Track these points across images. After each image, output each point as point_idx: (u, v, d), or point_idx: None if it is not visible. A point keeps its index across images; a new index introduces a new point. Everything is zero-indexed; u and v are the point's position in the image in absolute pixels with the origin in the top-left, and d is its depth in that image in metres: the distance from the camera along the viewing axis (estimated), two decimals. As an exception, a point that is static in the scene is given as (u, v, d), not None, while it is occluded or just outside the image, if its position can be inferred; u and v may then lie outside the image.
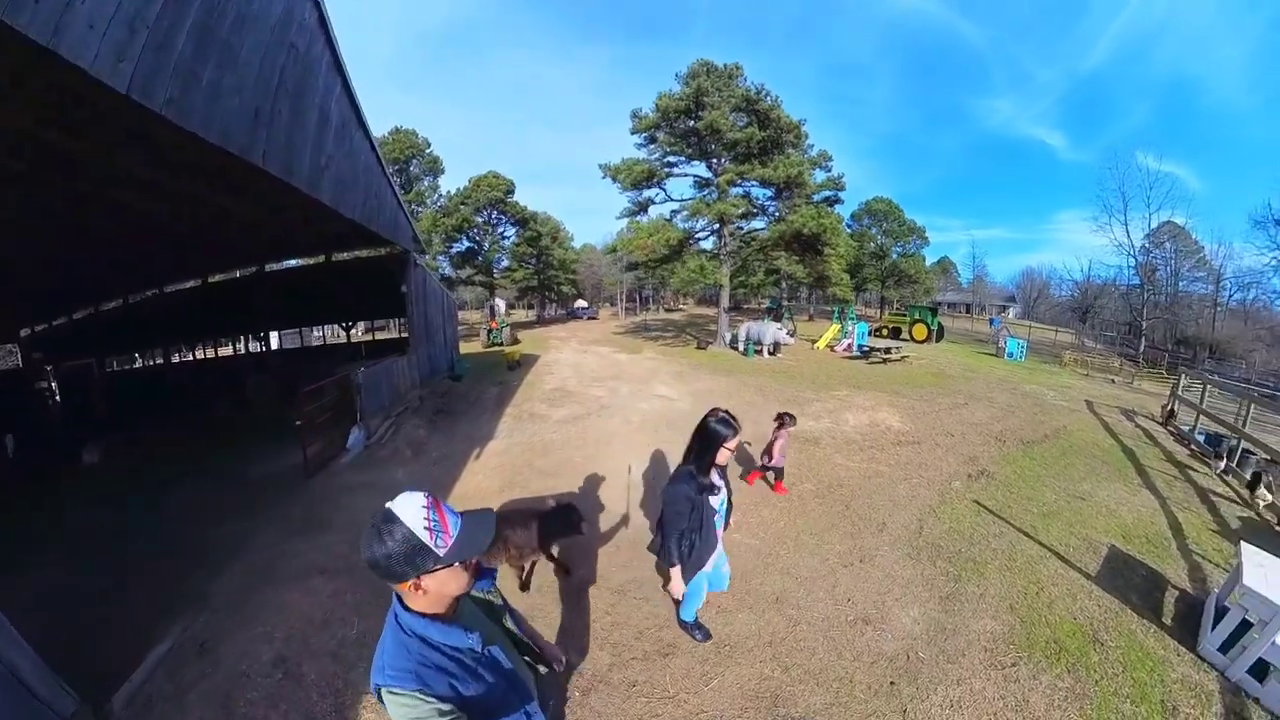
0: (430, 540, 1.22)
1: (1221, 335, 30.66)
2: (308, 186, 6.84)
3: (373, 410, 9.50)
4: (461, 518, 1.32)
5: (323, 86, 7.15)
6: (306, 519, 5.83)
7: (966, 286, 60.45)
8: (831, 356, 19.31)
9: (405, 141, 36.85)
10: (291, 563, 4.90)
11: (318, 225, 10.03)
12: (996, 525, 5.77)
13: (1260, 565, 3.86)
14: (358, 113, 8.46)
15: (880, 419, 9.62)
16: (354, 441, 8.54)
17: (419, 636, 1.28)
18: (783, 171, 19.91)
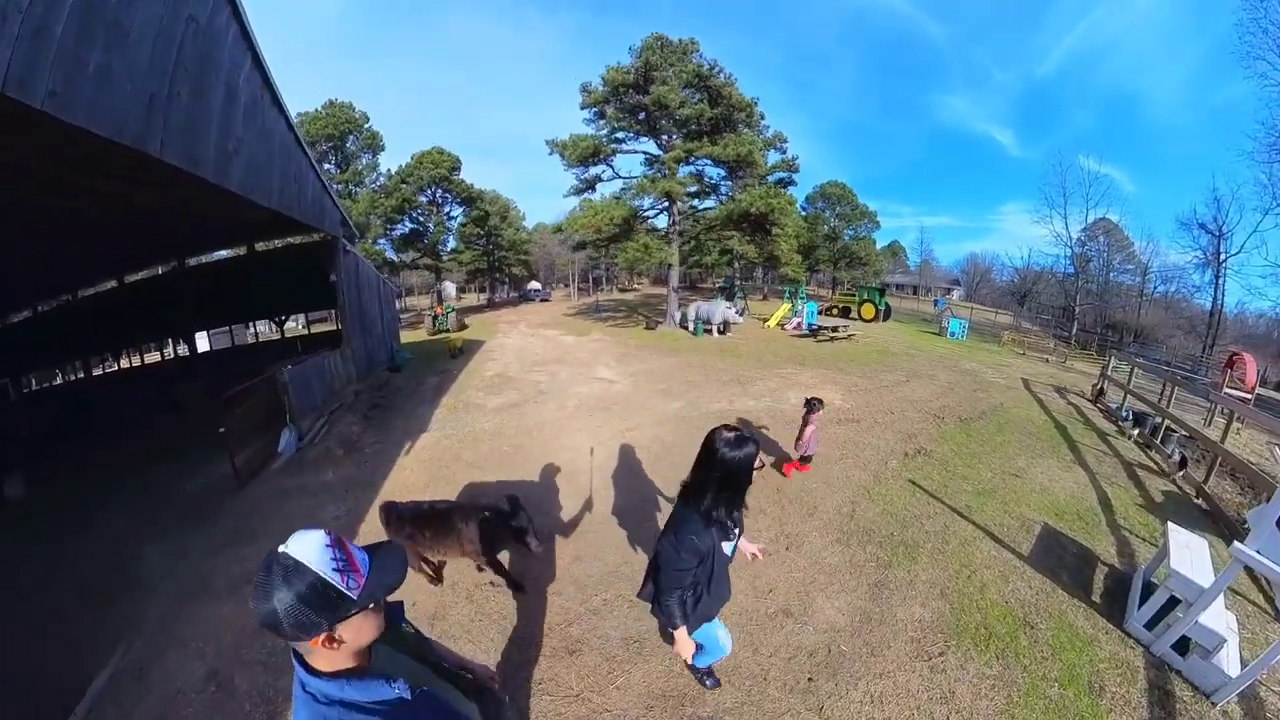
0: (341, 582, 1.06)
1: (1146, 322, 34.00)
2: (214, 175, 6.33)
3: (304, 410, 8.90)
4: (369, 554, 1.18)
5: (228, 62, 6.53)
6: (238, 530, 5.73)
7: (914, 269, 65.45)
8: (781, 335, 19.41)
9: (340, 116, 34.20)
10: (223, 576, 4.88)
11: (234, 215, 9.12)
12: (931, 505, 5.64)
13: (1186, 547, 3.96)
14: (271, 89, 7.63)
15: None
16: (285, 445, 8.03)
17: (339, 703, 1.11)
18: (732, 150, 19.54)
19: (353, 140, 35.85)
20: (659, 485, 6.01)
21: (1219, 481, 6.97)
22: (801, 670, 3.49)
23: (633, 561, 4.69)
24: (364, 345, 12.53)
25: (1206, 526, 5.84)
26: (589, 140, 20.48)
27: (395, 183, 35.08)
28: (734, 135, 20.54)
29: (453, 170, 36.28)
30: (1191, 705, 3.26)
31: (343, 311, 11.69)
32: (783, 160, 24.68)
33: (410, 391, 11.16)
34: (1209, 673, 3.28)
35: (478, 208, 38.74)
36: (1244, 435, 9.54)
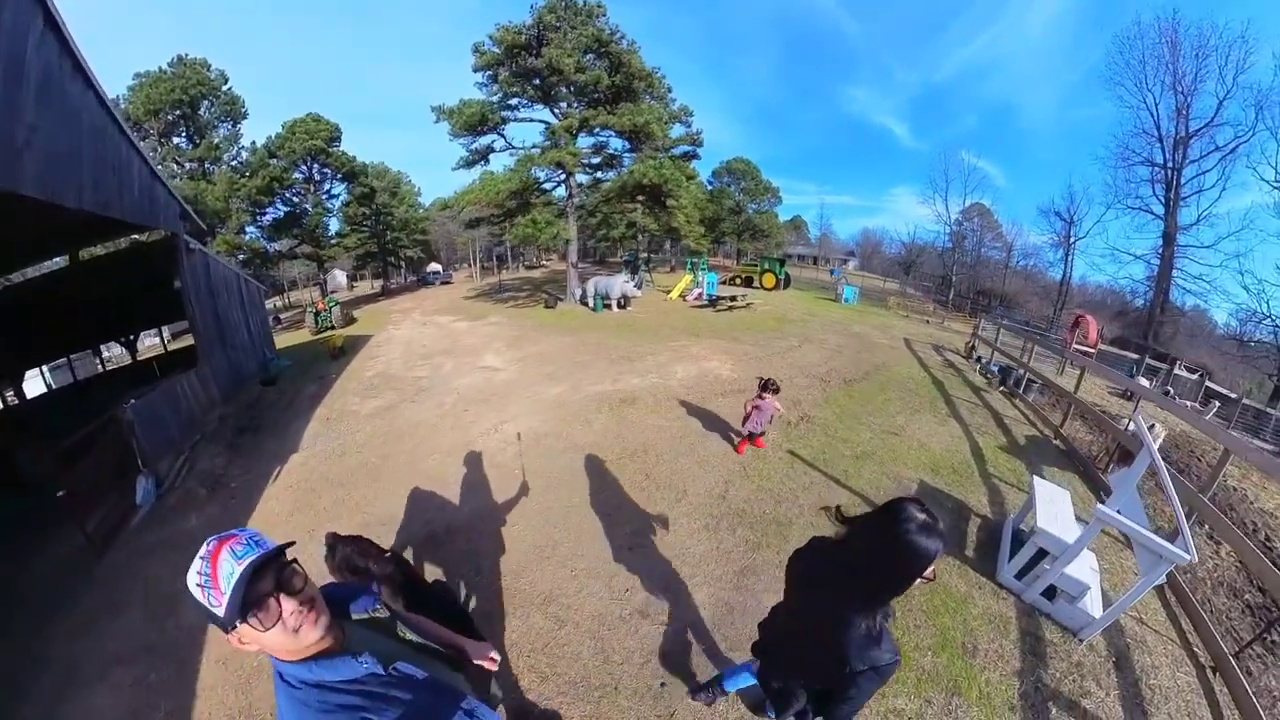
0: (204, 598, 1.07)
1: (1010, 289, 39.98)
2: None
3: (158, 450, 7.40)
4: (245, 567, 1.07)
5: (9, 27, 5.09)
6: (103, 604, 5.01)
7: (815, 242, 70.58)
8: (682, 306, 19.33)
9: (192, 76, 28.21)
10: (90, 660, 4.33)
11: (39, 220, 7.15)
12: (809, 475, 5.46)
13: (1050, 500, 4.13)
14: (74, 56, 5.91)
15: (710, 368, 9.39)
16: (142, 495, 6.71)
17: (311, 684, 1.17)
18: (628, 120, 18.71)
19: (208, 107, 30.04)
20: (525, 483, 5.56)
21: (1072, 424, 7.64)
22: (654, 675, 3.21)
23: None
24: (225, 359, 10.59)
25: (1065, 464, 6.54)
26: (476, 106, 18.70)
27: (261, 158, 29.81)
28: (632, 105, 19.80)
29: (331, 140, 31.35)
30: (1060, 646, 3.43)
31: (194, 323, 9.65)
32: (687, 134, 24.28)
33: (284, 406, 9.74)
34: (1075, 615, 3.52)
35: (361, 183, 34.15)
36: (1088, 383, 10.65)
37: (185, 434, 8.28)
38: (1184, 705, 3.26)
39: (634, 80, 19.63)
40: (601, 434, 6.56)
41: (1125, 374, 16.96)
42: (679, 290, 21.88)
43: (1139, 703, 3.21)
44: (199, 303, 9.71)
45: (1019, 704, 3.08)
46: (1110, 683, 3.29)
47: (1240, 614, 4.34)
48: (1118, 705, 3.15)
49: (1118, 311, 30.60)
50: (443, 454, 6.51)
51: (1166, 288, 25.21)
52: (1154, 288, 25.87)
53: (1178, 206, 24.12)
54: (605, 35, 18.78)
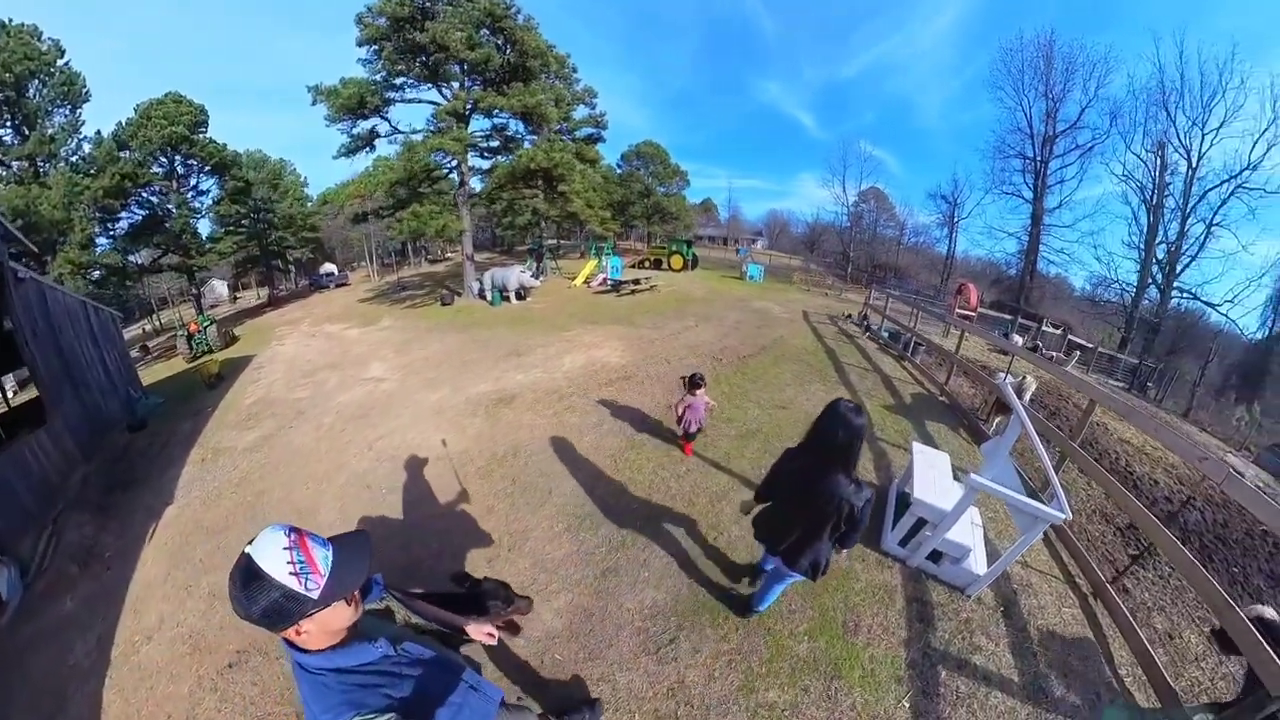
0: (300, 586, 1.17)
1: (902, 263, 43.99)
2: None
3: (15, 530, 5.98)
4: (332, 548, 1.27)
5: None
6: None
7: (724, 223, 72.16)
8: (585, 293, 18.75)
9: (16, 50, 22.06)
10: None
11: None
12: (685, 462, 5.17)
13: (930, 466, 4.21)
14: None
15: (600, 356, 8.99)
16: (7, 589, 5.51)
17: (331, 670, 1.27)
18: (518, 101, 17.59)
19: (38, 88, 23.66)
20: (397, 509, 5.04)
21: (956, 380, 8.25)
22: (508, 693, 2.88)
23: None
24: (80, 407, 8.53)
25: (950, 418, 6.93)
26: (355, 86, 16.73)
27: (108, 151, 23.70)
28: (523, 86, 18.66)
29: (196, 126, 25.97)
30: (948, 605, 3.46)
31: (34, 370, 7.60)
32: (591, 115, 23.54)
33: (157, 452, 8.34)
34: (961, 574, 3.59)
35: (235, 176, 29.22)
36: (970, 342, 11.30)
37: (44, 505, 6.70)
38: (1071, 640, 3.39)
39: (529, 59, 18.43)
40: (474, 439, 6.09)
41: (1001, 334, 18.95)
42: (583, 277, 21.29)
43: (1028, 646, 3.28)
44: (38, 344, 7.81)
45: (906, 674, 3.01)
46: (999, 632, 3.34)
47: (1113, 536, 4.88)
48: (1008, 654, 3.19)
49: (994, 280, 34.73)
50: (316, 482, 5.91)
51: (1034, 259, 29.52)
52: (1024, 259, 30.11)
53: (1044, 193, 28.47)
54: (499, 9, 17.34)
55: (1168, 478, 7.08)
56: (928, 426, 6.54)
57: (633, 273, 21.76)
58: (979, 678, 3.04)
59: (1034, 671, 3.13)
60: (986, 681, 3.02)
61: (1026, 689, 3.02)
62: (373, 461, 5.99)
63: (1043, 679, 3.09)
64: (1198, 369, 21.76)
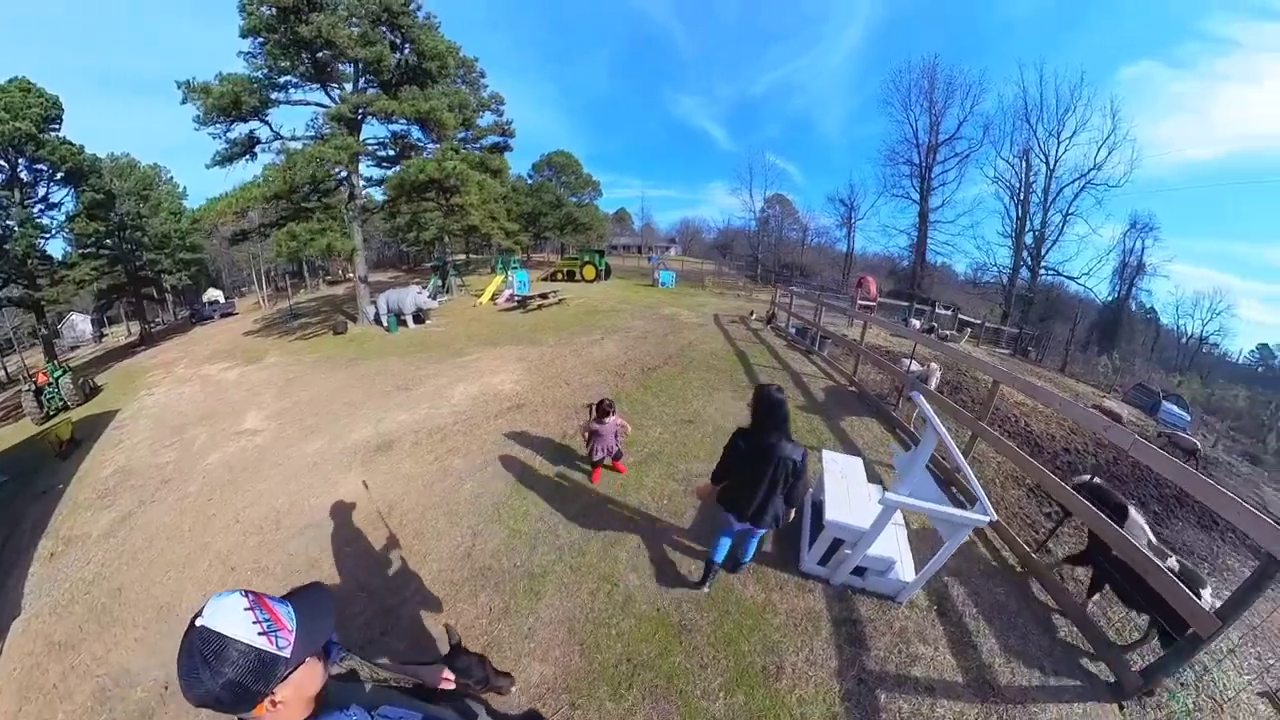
0: (271, 645, 1.03)
1: (807, 262, 46.48)
2: None
3: None
4: (291, 604, 1.13)
5: None
6: None
7: (639, 232, 73.13)
8: (490, 312, 17.63)
9: None
10: None
11: None
12: (577, 500, 4.60)
13: (841, 478, 3.95)
14: None
15: (494, 384, 8.22)
16: None
17: None
18: (410, 106, 16.22)
19: None
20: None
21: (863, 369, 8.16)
22: None
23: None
24: None
25: (861, 409, 6.95)
26: (230, 84, 14.48)
27: None
28: (418, 90, 17.22)
29: (46, 122, 21.01)
30: (879, 618, 3.27)
31: None
32: (497, 123, 22.60)
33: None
34: (888, 584, 3.41)
35: (93, 186, 23.33)
36: (874, 330, 11.56)
37: None
38: (1007, 619, 3.36)
39: (427, 60, 16.98)
40: (347, 496, 5.24)
41: (901, 319, 20.30)
42: (489, 293, 20.10)
43: (967, 640, 3.18)
44: None
45: (842, 710, 2.74)
46: (937, 634, 3.19)
47: (1027, 499, 5.10)
48: (948, 654, 3.06)
49: (890, 271, 38.08)
50: (178, 569, 4.90)
51: (924, 251, 33.63)
52: (914, 252, 34.23)
53: (929, 194, 32.91)
54: (396, 4, 15.68)
55: (1061, 430, 8.09)
56: (841, 423, 6.38)
57: (543, 286, 20.85)
58: (921, 690, 2.86)
59: (977, 665, 3.01)
60: (930, 692, 2.85)
61: (972, 686, 2.90)
62: (239, 536, 5.03)
63: (986, 670, 2.98)
64: (1067, 331, 25.43)
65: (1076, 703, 2.88)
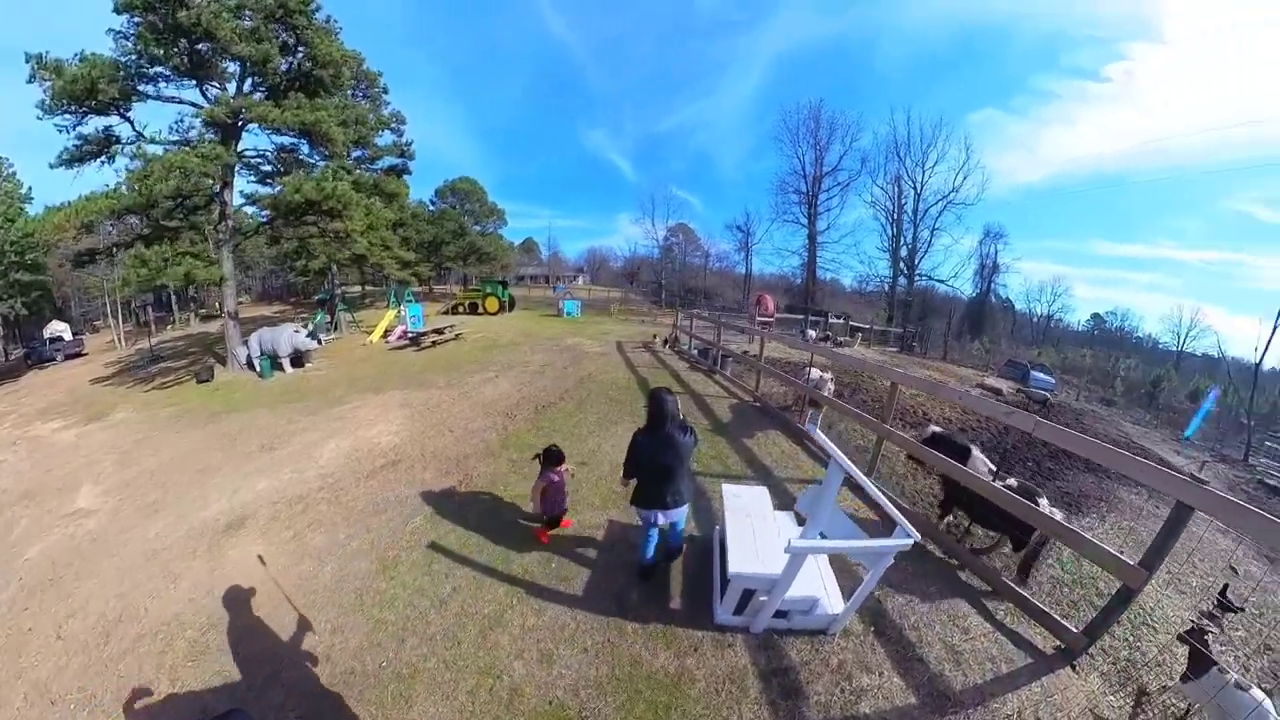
0: None
1: (710, 285, 48.94)
2: None
3: None
4: None
5: None
6: None
7: (546, 262, 72.21)
8: (381, 350, 15.93)
9: None
10: None
11: None
12: (455, 574, 3.83)
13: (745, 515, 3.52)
14: None
15: (370, 437, 7.20)
16: None
17: None
18: (293, 116, 14.24)
19: None
20: None
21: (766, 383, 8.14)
22: None
23: None
24: None
25: (766, 423, 6.79)
26: (88, 67, 11.86)
27: None
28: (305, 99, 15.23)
29: None
30: (814, 658, 2.95)
31: None
32: (396, 144, 21.05)
33: None
34: (816, 620, 3.08)
35: None
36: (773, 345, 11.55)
37: None
38: (946, 616, 3.25)
39: (321, 67, 15.05)
40: (188, 593, 4.16)
41: (799, 332, 21.30)
42: (381, 329, 18.24)
43: (912, 654, 2.98)
44: None
45: None
46: (879, 658, 2.94)
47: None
48: (896, 676, 2.83)
49: (785, 289, 41.13)
50: None
51: (814, 269, 37.64)
52: (806, 270, 38.01)
53: (816, 218, 37.13)
54: (292, 2, 13.70)
55: (955, 412, 9.07)
56: (748, 441, 6.12)
57: (440, 320, 19.29)
58: (874, 724, 2.57)
59: (927, 678, 2.81)
60: (884, 724, 2.56)
61: (927, 703, 2.68)
62: (61, 657, 3.80)
63: (938, 680, 2.79)
64: (943, 325, 32.52)
65: (1033, 682, 2.80)
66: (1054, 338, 44.05)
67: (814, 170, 36.39)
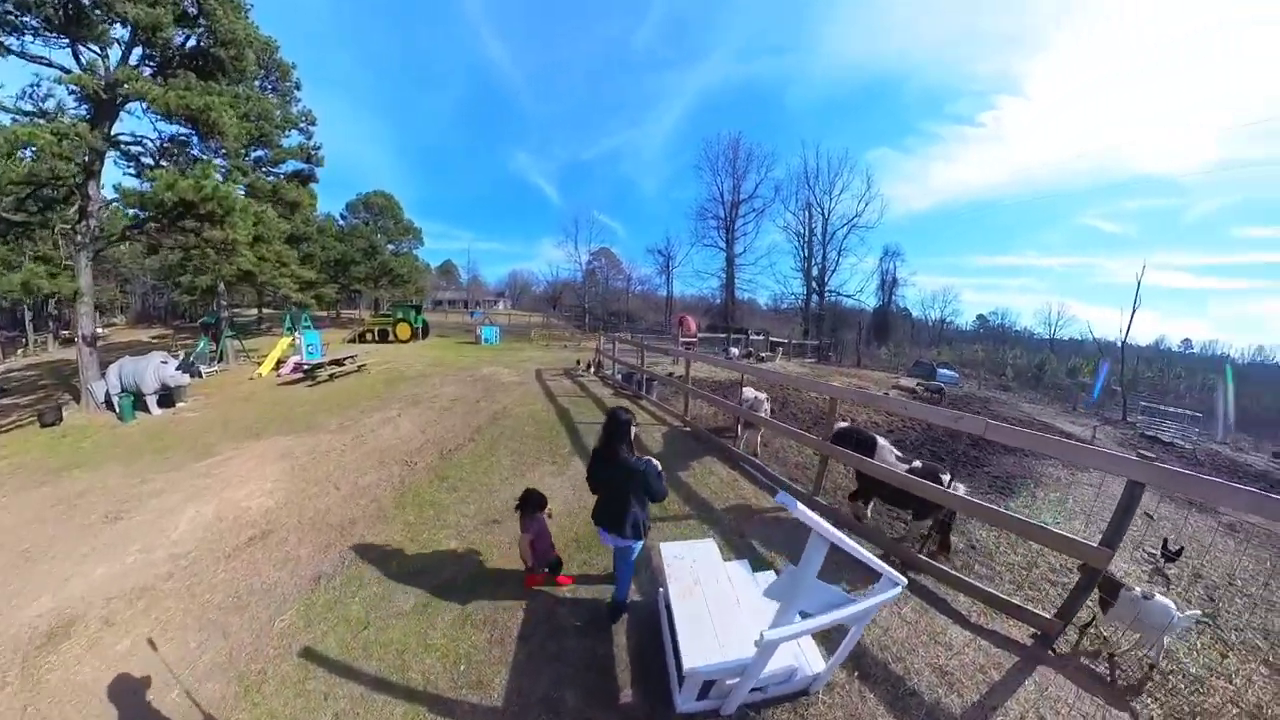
0: None
1: (632, 308, 49.95)
2: None
3: None
4: None
5: None
6: None
7: (465, 286, 69.31)
8: (270, 384, 13.90)
9: None
10: None
11: None
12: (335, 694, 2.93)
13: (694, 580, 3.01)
14: None
15: (239, 500, 5.85)
16: None
17: None
18: (178, 97, 11.87)
19: None
20: None
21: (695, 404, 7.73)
22: None
23: None
24: None
25: (699, 449, 6.49)
26: None
27: None
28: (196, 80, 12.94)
29: None
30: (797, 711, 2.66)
31: None
32: (303, 146, 18.86)
33: None
34: (797, 683, 2.74)
35: None
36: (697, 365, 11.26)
37: None
38: (927, 637, 3.13)
39: (222, 45, 13.04)
40: None
41: (721, 350, 21.54)
42: (272, 360, 15.89)
43: (903, 686, 2.79)
44: None
45: None
46: (870, 705, 2.68)
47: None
48: (882, 707, 2.66)
49: (705, 310, 42.80)
50: None
51: (733, 290, 40.16)
52: (725, 291, 40.39)
53: (734, 242, 39.94)
54: None
55: (880, 415, 9.61)
56: (684, 474, 5.58)
57: (343, 349, 17.17)
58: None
59: (925, 712, 2.62)
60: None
61: None
62: None
63: (937, 711, 2.62)
64: (854, 336, 36.37)
65: (1026, 680, 2.80)
66: (948, 338, 50.22)
67: (732, 197, 39.47)
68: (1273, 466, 13.45)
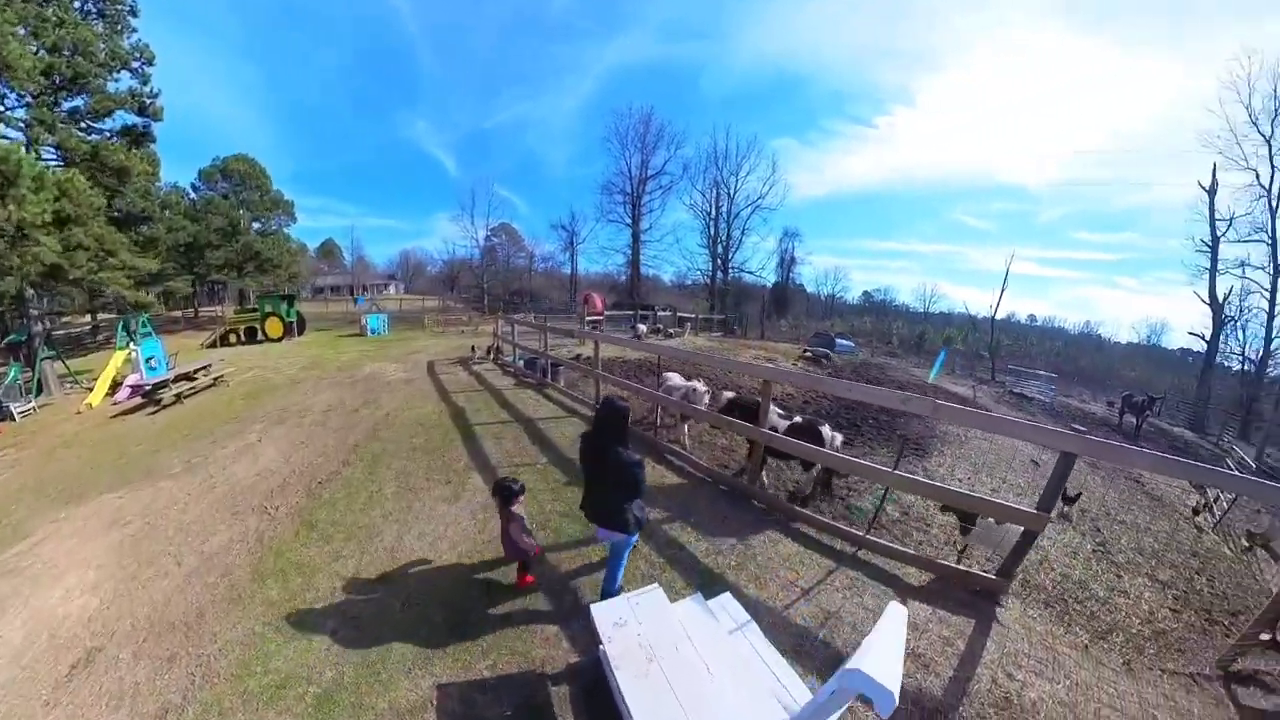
0: None
1: (535, 288, 47.63)
2: None
3: None
4: None
5: None
6: None
7: (350, 269, 62.87)
8: (103, 417, 11.09)
9: None
10: None
11: None
12: None
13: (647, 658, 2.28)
14: None
15: (55, 607, 3.79)
16: None
17: None
18: None
19: None
20: None
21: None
22: None
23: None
24: None
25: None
26: None
27: None
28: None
29: None
30: None
31: None
32: (134, 92, 15.06)
33: None
34: None
35: None
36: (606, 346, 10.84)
37: None
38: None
39: None
40: None
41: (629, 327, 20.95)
42: (104, 384, 12.63)
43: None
44: None
45: None
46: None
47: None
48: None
49: (611, 287, 42.76)
50: None
51: (638, 266, 40.55)
52: (631, 268, 40.65)
53: (640, 218, 40.18)
54: None
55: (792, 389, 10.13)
56: None
57: (202, 357, 13.77)
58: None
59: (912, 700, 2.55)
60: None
61: None
62: None
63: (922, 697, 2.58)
64: (756, 310, 38.47)
65: (989, 643, 2.93)
66: (839, 311, 55.79)
67: (640, 173, 39.50)
68: (1108, 413, 17.74)
